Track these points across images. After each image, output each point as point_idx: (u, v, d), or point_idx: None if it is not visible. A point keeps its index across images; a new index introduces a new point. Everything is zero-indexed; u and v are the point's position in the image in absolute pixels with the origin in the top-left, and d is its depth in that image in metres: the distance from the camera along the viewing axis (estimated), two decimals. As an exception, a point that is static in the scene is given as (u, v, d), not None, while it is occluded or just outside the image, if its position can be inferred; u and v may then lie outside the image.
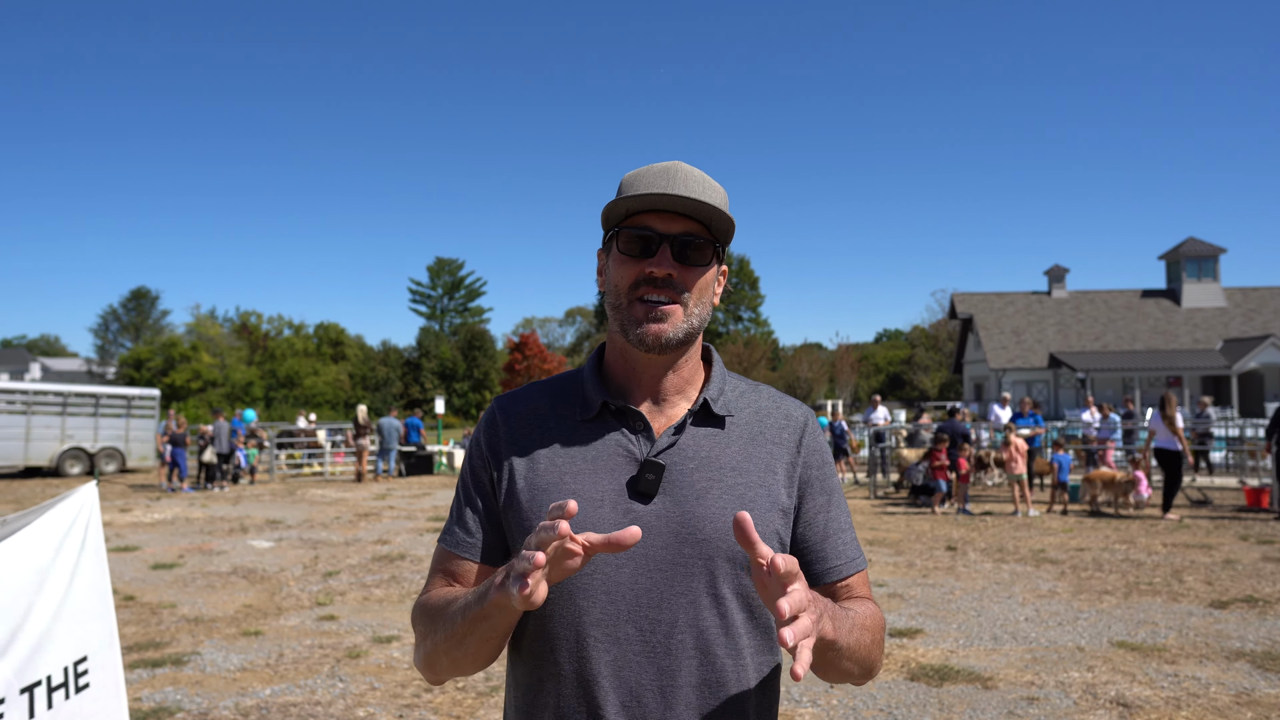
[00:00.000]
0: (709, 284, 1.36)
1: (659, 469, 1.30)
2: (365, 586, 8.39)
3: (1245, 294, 39.82)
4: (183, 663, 5.97)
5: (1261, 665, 5.63)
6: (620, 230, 1.34)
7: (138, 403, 23.65)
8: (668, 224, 1.31)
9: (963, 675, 5.51)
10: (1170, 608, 7.19)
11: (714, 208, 1.29)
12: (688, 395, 1.40)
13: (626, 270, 1.32)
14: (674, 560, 1.28)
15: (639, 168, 1.37)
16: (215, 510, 14.65)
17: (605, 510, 1.29)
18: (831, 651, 1.21)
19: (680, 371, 1.39)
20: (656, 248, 1.31)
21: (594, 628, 1.27)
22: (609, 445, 1.34)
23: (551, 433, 1.37)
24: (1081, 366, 35.15)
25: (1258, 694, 5.11)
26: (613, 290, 1.35)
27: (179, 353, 57.85)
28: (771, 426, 1.40)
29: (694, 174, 1.33)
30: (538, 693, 1.32)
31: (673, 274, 1.30)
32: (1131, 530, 11.36)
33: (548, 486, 1.32)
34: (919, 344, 67.24)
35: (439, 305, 74.91)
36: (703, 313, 1.35)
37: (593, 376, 1.40)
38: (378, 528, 12.35)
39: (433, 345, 63.81)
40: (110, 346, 72.82)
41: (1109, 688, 5.25)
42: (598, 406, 1.36)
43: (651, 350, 1.32)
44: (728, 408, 1.39)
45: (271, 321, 68.65)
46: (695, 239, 1.31)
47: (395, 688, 5.42)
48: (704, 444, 1.35)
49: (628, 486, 1.31)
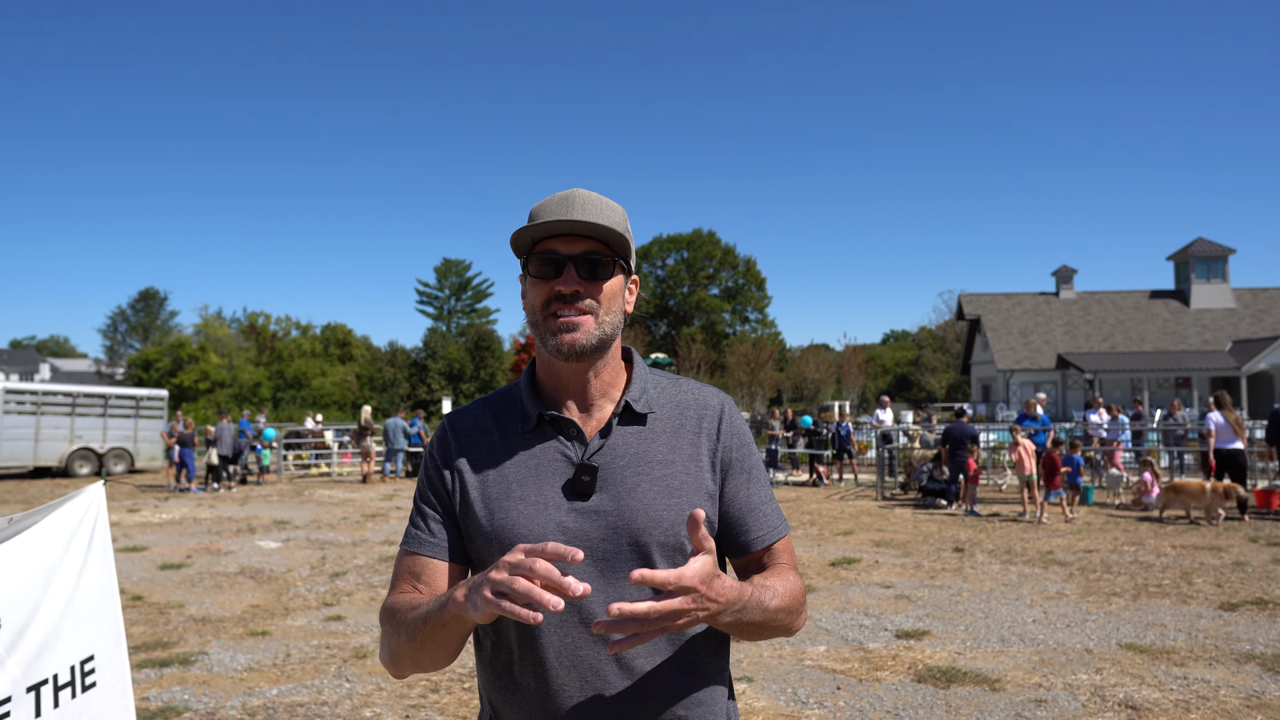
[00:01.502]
0: (616, 294, 1.49)
1: (593, 470, 1.45)
2: (372, 587, 8.40)
3: (1255, 295, 39.63)
4: (190, 662, 5.98)
5: (1272, 668, 5.60)
6: (530, 256, 1.48)
7: (146, 403, 23.73)
8: (570, 246, 1.45)
9: (970, 677, 5.48)
10: (1179, 610, 7.15)
11: (608, 227, 1.43)
12: (611, 398, 1.53)
13: (539, 291, 1.47)
14: (615, 550, 1.43)
15: (541, 199, 1.52)
16: (223, 511, 14.69)
17: (549, 512, 1.44)
18: (737, 626, 1.36)
19: (601, 376, 1.52)
20: (563, 268, 1.45)
21: (551, 616, 1.39)
22: (548, 452, 1.48)
23: (496, 445, 1.51)
24: (1089, 367, 35.01)
25: (1268, 697, 5.08)
26: (530, 310, 1.49)
27: (187, 353, 57.99)
28: (691, 418, 1.53)
29: (591, 198, 1.48)
30: (511, 675, 1.46)
31: (579, 289, 1.44)
32: (1140, 532, 11.31)
33: (499, 495, 1.46)
34: (926, 345, 67.08)
35: (446, 306, 74.99)
36: (614, 320, 1.48)
37: (528, 390, 1.54)
38: (385, 528, 12.37)
39: (440, 346, 63.84)
40: (119, 347, 73.11)
41: (1117, 690, 5.23)
42: (535, 418, 1.50)
43: (569, 358, 1.45)
44: (649, 405, 1.52)
45: (279, 322, 68.79)
46: (597, 256, 1.45)
47: (401, 688, 5.42)
48: (631, 442, 1.49)
49: (566, 489, 1.45)
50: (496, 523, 1.44)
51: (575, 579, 1.17)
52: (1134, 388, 35.66)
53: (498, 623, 1.46)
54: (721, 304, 73.42)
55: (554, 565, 1.18)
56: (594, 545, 1.42)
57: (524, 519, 1.43)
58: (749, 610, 1.34)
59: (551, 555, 1.17)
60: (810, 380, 55.41)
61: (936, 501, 14.46)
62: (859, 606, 7.38)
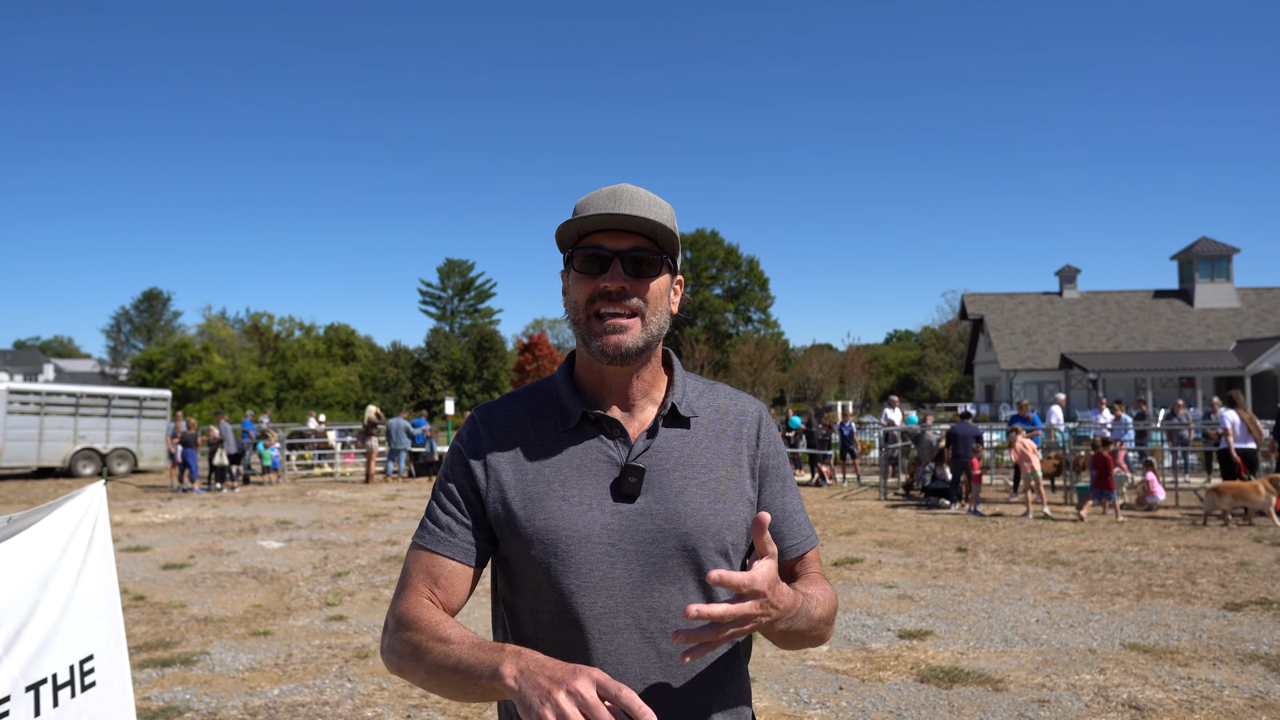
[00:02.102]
0: (663, 293, 1.45)
1: (640, 472, 1.41)
2: (374, 587, 8.40)
3: (1259, 294, 39.54)
4: (192, 662, 5.98)
5: (1276, 668, 5.57)
6: (575, 251, 1.44)
7: (149, 404, 23.76)
8: (617, 241, 1.41)
9: (973, 677, 5.47)
10: (1183, 610, 7.13)
11: (658, 223, 1.39)
12: (654, 399, 1.50)
13: (583, 287, 1.42)
14: (662, 553, 1.40)
15: (590, 193, 1.47)
16: (225, 511, 14.70)
17: (594, 513, 1.39)
18: (783, 639, 1.38)
19: (644, 377, 1.49)
20: (609, 264, 1.40)
21: (596, 621, 1.37)
22: (591, 452, 1.44)
23: (534, 443, 1.46)
24: (1093, 367, 34.95)
25: (1272, 697, 5.06)
26: (573, 307, 1.45)
27: (190, 354, 58.09)
28: (731, 423, 1.52)
29: (639, 194, 1.44)
30: None
31: (625, 286, 1.40)
32: (1144, 531, 11.28)
33: (539, 495, 1.41)
34: (930, 345, 67.02)
35: (449, 306, 75.04)
36: (660, 321, 1.44)
37: (566, 386, 1.49)
38: (387, 528, 12.37)
39: (443, 346, 63.90)
40: (122, 348, 73.22)
41: (1121, 690, 5.21)
42: (577, 416, 1.45)
43: (613, 361, 1.41)
44: (691, 409, 1.50)
45: (282, 323, 68.93)
46: (645, 253, 1.41)
47: (403, 688, 5.42)
48: (675, 444, 1.46)
49: (612, 489, 1.41)
50: (538, 523, 1.40)
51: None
52: (1138, 387, 35.59)
53: (534, 628, 1.42)
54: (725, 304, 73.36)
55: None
56: (640, 548, 1.39)
57: (567, 520, 1.39)
58: (799, 618, 1.34)
59: (625, 705, 1.10)
60: (813, 380, 55.38)
61: (939, 501, 14.44)
62: (862, 606, 7.37)
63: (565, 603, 1.38)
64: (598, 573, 1.37)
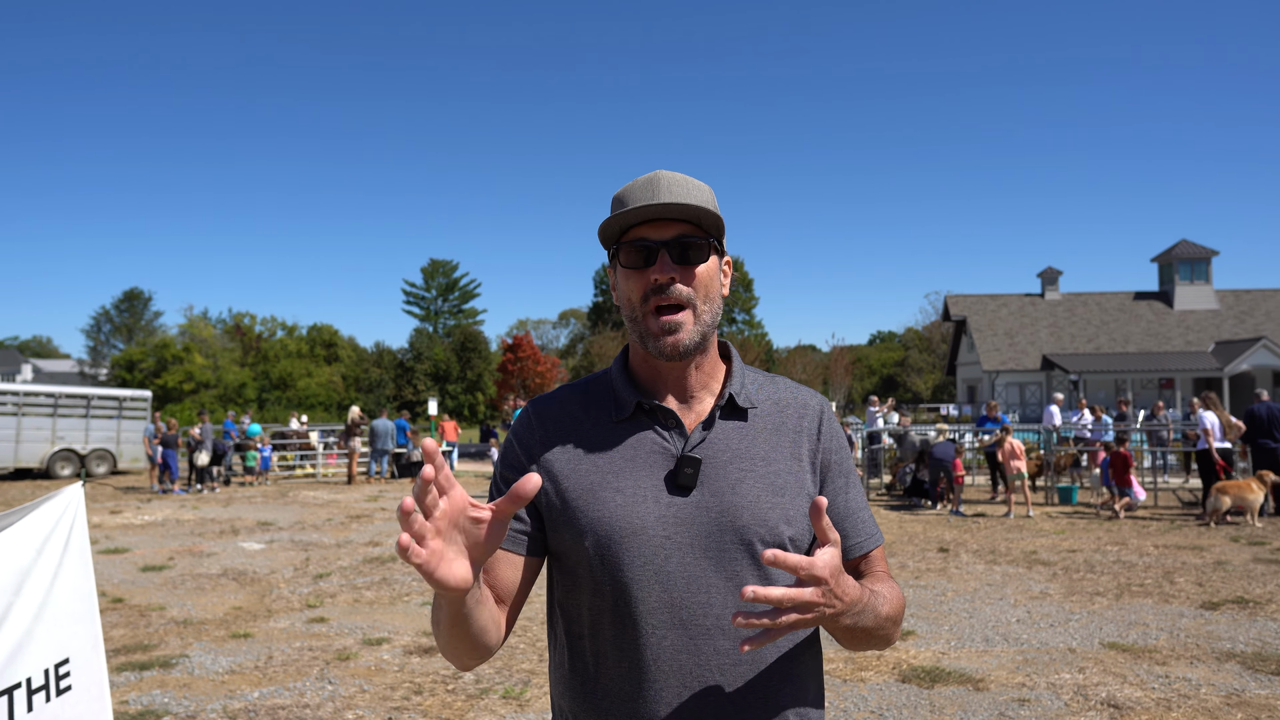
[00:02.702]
0: (713, 277, 1.42)
1: (696, 463, 1.38)
2: (356, 589, 8.36)
3: (1237, 296, 39.95)
4: (171, 665, 5.93)
5: (1252, 666, 5.63)
6: (620, 246, 1.41)
7: (129, 404, 23.57)
8: (661, 231, 1.38)
9: (954, 677, 5.50)
10: (1161, 609, 7.19)
11: (699, 207, 1.35)
12: (711, 390, 1.47)
13: (633, 283, 1.39)
14: (718, 546, 1.36)
15: (625, 184, 1.43)
16: (206, 512, 14.60)
17: (649, 505, 1.37)
18: (848, 636, 1.34)
19: (702, 369, 1.46)
20: (655, 255, 1.37)
21: (651, 615, 1.34)
22: (645, 443, 1.41)
23: (588, 434, 1.44)
24: (1074, 368, 35.20)
25: (1248, 695, 5.11)
26: (626, 304, 1.42)
27: (171, 354, 57.66)
28: (791, 416, 1.48)
29: (676, 179, 1.40)
30: (598, 679, 1.38)
31: (674, 276, 1.37)
32: (1123, 531, 11.38)
33: (592, 485, 1.39)
34: (913, 346, 67.34)
35: (433, 307, 74.80)
36: (713, 310, 1.42)
37: (621, 378, 1.47)
38: (369, 529, 12.32)
39: (426, 347, 63.69)
40: (102, 348, 72.58)
41: (1100, 689, 5.25)
42: (632, 406, 1.43)
43: (671, 359, 1.39)
44: (750, 400, 1.46)
45: (265, 323, 68.50)
46: (690, 239, 1.38)
47: (385, 690, 5.39)
48: (733, 436, 1.42)
49: (666, 481, 1.38)
50: (591, 514, 1.37)
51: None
52: (1118, 388, 35.88)
53: (582, 624, 1.40)
54: (708, 305, 73.29)
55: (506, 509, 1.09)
56: (696, 541, 1.35)
57: (622, 510, 1.36)
58: (865, 614, 1.29)
59: (504, 504, 1.09)
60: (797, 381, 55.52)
61: (921, 502, 14.50)
62: (844, 607, 7.39)
63: (618, 597, 1.35)
64: (651, 566, 1.35)
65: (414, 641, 6.48)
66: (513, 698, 5.24)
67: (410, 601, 7.78)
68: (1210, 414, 12.59)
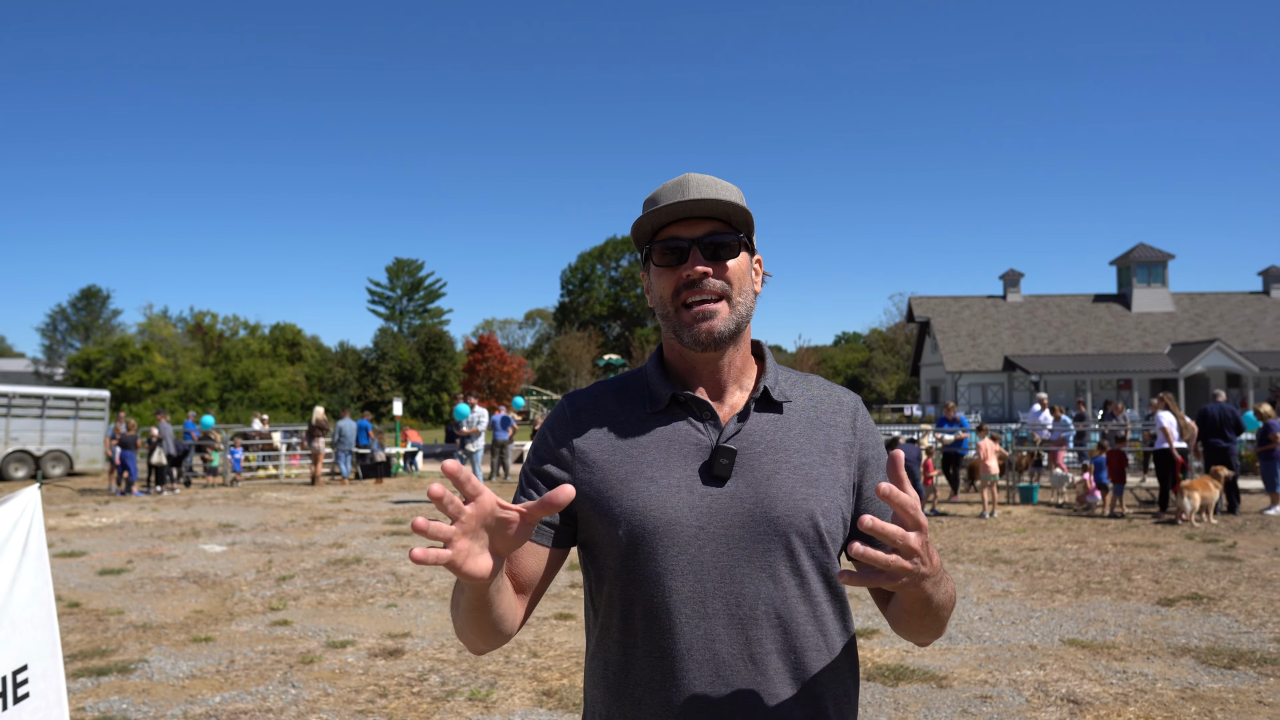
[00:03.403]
0: (744, 272, 1.45)
1: (731, 454, 1.39)
2: (320, 591, 8.27)
3: (1192, 299, 40.79)
4: (129, 671, 5.84)
5: (1205, 660, 5.76)
6: (652, 246, 1.44)
7: (86, 404, 23.13)
8: (691, 229, 1.42)
9: (918, 675, 5.56)
10: (1119, 605, 7.33)
11: (730, 203, 1.39)
12: (744, 385, 1.49)
13: (666, 280, 1.43)
14: (752, 538, 1.37)
15: (656, 187, 1.47)
16: (166, 514, 14.37)
17: (683, 495, 1.38)
18: (923, 610, 1.31)
19: (734, 363, 1.47)
20: (686, 253, 1.41)
21: (684, 605, 1.35)
22: (679, 434, 1.42)
23: (623, 425, 1.45)
24: (1035, 369, 35.73)
25: (1201, 688, 5.23)
26: (659, 301, 1.45)
27: (130, 353, 56.65)
28: (826, 411, 1.50)
29: (705, 179, 1.44)
30: (629, 670, 1.40)
31: (708, 272, 1.40)
32: (1083, 530, 11.57)
33: (626, 475, 1.41)
34: (877, 347, 67.94)
35: (398, 306, 74.27)
36: (746, 302, 1.44)
37: (656, 372, 1.49)
38: (333, 531, 12.20)
39: (390, 347, 63.20)
40: (59, 347, 71.06)
41: (1060, 685, 5.34)
42: (666, 399, 1.45)
43: (706, 348, 1.41)
44: (784, 395, 1.48)
45: (226, 322, 67.57)
46: (720, 236, 1.41)
47: (349, 693, 5.35)
48: (768, 429, 1.44)
49: (702, 471, 1.39)
50: (625, 504, 1.38)
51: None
52: (1077, 389, 36.48)
53: (614, 613, 1.41)
54: (675, 305, 73.42)
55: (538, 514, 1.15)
56: (730, 531, 1.36)
57: (656, 500, 1.37)
58: (942, 585, 1.29)
59: (536, 509, 1.14)
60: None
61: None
62: (809, 606, 7.44)
63: (651, 586, 1.37)
64: (685, 556, 1.36)
65: (379, 644, 6.43)
66: (479, 699, 5.23)
67: (375, 604, 7.72)
68: (1168, 414, 12.85)
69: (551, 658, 6.05)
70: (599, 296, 73.91)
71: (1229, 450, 12.68)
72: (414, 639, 6.55)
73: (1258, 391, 34.33)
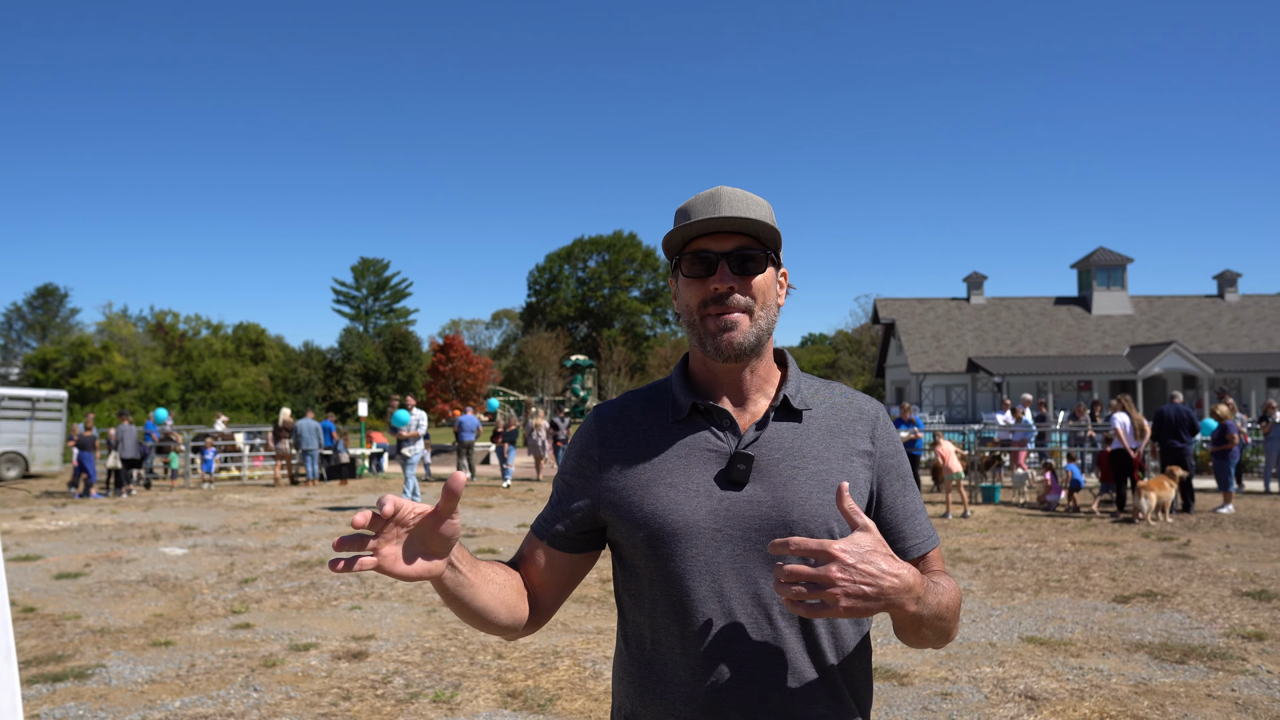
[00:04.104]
0: (769, 288, 1.50)
1: (749, 460, 1.44)
2: (283, 593, 8.19)
3: (1150, 302, 41.55)
4: (86, 676, 5.75)
5: (1158, 656, 5.89)
6: (682, 257, 1.49)
7: (43, 405, 22.69)
8: (721, 243, 1.46)
9: (879, 672, 5.62)
10: (1077, 603, 7.46)
11: (760, 221, 1.44)
12: (766, 394, 1.54)
13: (693, 291, 1.48)
14: (768, 541, 1.41)
15: (688, 199, 1.52)
16: (125, 517, 14.14)
17: (701, 499, 1.43)
18: (915, 622, 1.37)
19: (758, 373, 1.53)
20: (715, 266, 1.45)
21: (702, 605, 1.41)
22: (699, 441, 1.48)
23: (645, 434, 1.52)
24: (998, 371, 36.21)
25: (1154, 683, 5.34)
26: (685, 310, 1.50)
27: (89, 352, 55.66)
28: (846, 419, 1.53)
29: (737, 194, 1.49)
30: (654, 667, 1.46)
31: (734, 287, 1.45)
32: (1042, 529, 11.76)
33: (647, 482, 1.47)
34: (843, 348, 68.47)
35: (364, 306, 73.67)
36: (769, 316, 1.50)
37: (680, 382, 1.54)
38: (297, 533, 12.08)
39: (356, 347, 62.63)
40: (14, 346, 69.64)
41: (1018, 681, 5.43)
42: (687, 408, 1.50)
43: (728, 359, 1.46)
44: (805, 403, 1.52)
45: (188, 321, 66.59)
46: (748, 251, 1.46)
47: (312, 696, 5.31)
48: (786, 436, 1.48)
49: (720, 477, 1.45)
50: (646, 509, 1.45)
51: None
52: (1039, 390, 37.00)
53: (640, 613, 1.48)
54: (642, 306, 73.67)
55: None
56: (747, 534, 1.41)
57: (674, 505, 1.43)
58: (926, 601, 1.34)
59: (443, 507, 1.24)
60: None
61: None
62: (774, 605, 7.50)
63: (672, 587, 1.42)
64: (703, 558, 1.41)
65: (342, 646, 6.39)
66: (443, 701, 5.21)
67: (339, 606, 7.66)
68: (1122, 415, 13.10)
69: (516, 659, 6.04)
70: (566, 297, 73.82)
71: (1184, 450, 12.95)
72: (378, 641, 6.51)
73: (1212, 393, 35.05)
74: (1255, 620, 6.79)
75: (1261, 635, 6.35)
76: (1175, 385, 36.52)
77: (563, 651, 6.20)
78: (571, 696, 5.27)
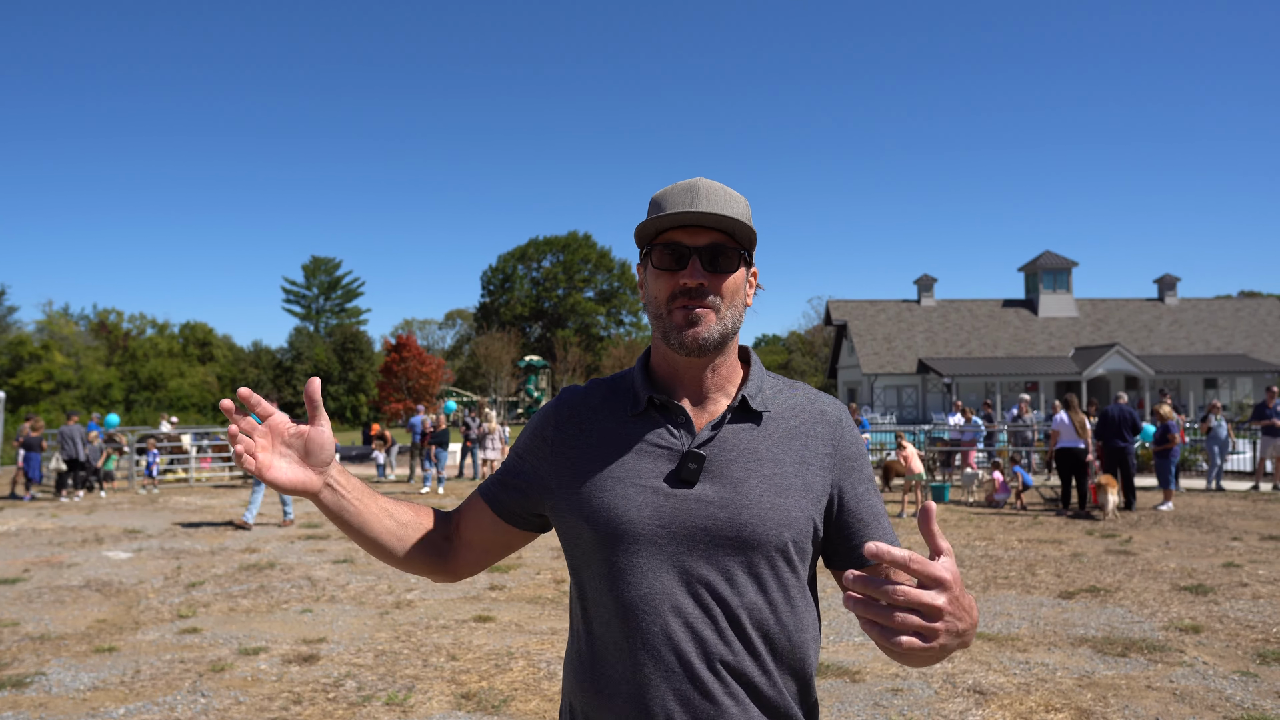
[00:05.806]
0: (739, 287, 1.47)
1: (700, 459, 1.42)
2: (231, 597, 8.05)
3: (1094, 305, 42.53)
4: (25, 684, 5.60)
5: (1101, 650, 6.04)
6: (653, 247, 1.46)
7: (-21, 406, 22.01)
8: (695, 237, 1.43)
9: (832, 670, 5.69)
10: (1024, 599, 7.62)
11: (735, 219, 1.41)
12: (727, 392, 1.51)
13: (662, 283, 1.45)
14: (714, 542, 1.39)
15: (666, 187, 1.49)
16: (67, 520, 13.78)
17: (648, 496, 1.42)
18: (930, 658, 1.23)
19: (719, 371, 1.50)
20: (687, 260, 1.43)
21: (642, 603, 1.39)
22: (653, 437, 1.46)
23: (602, 425, 1.50)
24: (947, 372, 36.78)
25: (1097, 676, 5.48)
26: (652, 302, 1.48)
27: (28, 352, 54.07)
28: (806, 421, 1.51)
29: (715, 188, 1.46)
30: (598, 664, 1.44)
31: (704, 283, 1.42)
32: (991, 527, 11.98)
33: (596, 475, 1.45)
34: (795, 349, 69.10)
35: (315, 305, 72.66)
36: (735, 315, 1.47)
37: (640, 375, 1.53)
38: (246, 536, 11.87)
39: (306, 346, 61.79)
40: (-52, 345, 67.54)
41: (967, 677, 5.53)
42: (644, 402, 1.48)
43: (691, 353, 1.43)
44: (765, 404, 1.50)
45: (133, 320, 65.08)
46: (721, 248, 1.43)
47: (262, 701, 5.23)
48: (742, 437, 1.46)
49: (670, 476, 1.42)
50: (593, 502, 1.43)
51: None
52: (988, 391, 37.67)
53: (587, 609, 1.46)
54: (596, 307, 73.65)
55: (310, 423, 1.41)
56: (692, 534, 1.38)
57: (621, 499, 1.41)
58: (968, 634, 1.19)
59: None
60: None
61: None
62: (728, 604, 7.54)
63: (616, 584, 1.40)
64: (645, 555, 1.39)
65: (293, 650, 6.30)
66: (396, 704, 5.16)
67: (289, 609, 7.55)
68: (1062, 415, 13.42)
69: (470, 660, 6.01)
70: (520, 297, 73.50)
71: (1126, 450, 13.27)
72: (330, 644, 6.43)
73: (1153, 393, 35.98)
74: (1192, 614, 7.00)
75: (1198, 628, 6.54)
76: (1118, 386, 37.43)
77: (517, 652, 6.18)
78: (526, 698, 5.25)
